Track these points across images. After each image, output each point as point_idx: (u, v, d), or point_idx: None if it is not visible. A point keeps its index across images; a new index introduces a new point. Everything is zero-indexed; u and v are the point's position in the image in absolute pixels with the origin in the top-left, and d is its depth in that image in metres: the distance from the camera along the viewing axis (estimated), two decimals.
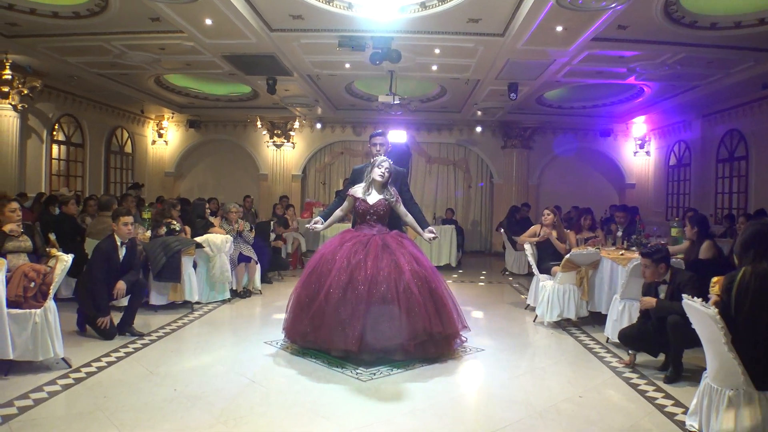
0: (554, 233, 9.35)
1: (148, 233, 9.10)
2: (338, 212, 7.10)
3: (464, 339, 6.99)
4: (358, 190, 6.83)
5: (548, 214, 9.52)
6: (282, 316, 6.93)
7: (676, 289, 5.76)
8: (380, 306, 6.03)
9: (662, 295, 6.03)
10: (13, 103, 11.82)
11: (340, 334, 6.07)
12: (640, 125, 17.72)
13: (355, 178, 7.15)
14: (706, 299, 4.52)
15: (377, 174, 6.74)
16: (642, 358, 6.34)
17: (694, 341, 5.25)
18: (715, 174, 14.56)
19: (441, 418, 4.83)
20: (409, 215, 6.94)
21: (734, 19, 8.80)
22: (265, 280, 10.79)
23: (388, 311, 6.02)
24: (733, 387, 4.12)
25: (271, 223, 12.39)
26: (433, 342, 6.28)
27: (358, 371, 5.91)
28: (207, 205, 11.02)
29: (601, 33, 9.00)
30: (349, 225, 7.64)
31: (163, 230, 8.92)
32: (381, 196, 6.74)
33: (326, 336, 6.21)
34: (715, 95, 12.93)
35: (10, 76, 11.62)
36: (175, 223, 9.15)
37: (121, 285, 7.08)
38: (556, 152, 18.72)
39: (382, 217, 6.77)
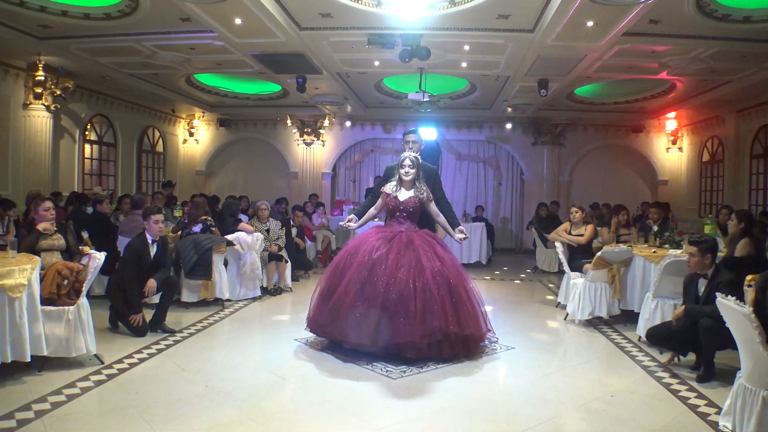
0: (571, 234, 9.32)
1: (169, 228, 9.17)
2: (372, 210, 7.09)
3: (495, 339, 6.96)
4: (389, 187, 6.84)
5: (576, 212, 9.44)
6: None
7: (713, 289, 5.63)
8: (396, 302, 6.04)
9: (702, 289, 5.94)
10: (46, 103, 11.97)
11: (354, 328, 6.10)
12: (672, 121, 17.49)
13: (388, 176, 7.15)
14: (741, 299, 4.44)
15: (403, 174, 6.75)
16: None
17: (726, 344, 5.19)
18: (750, 170, 14.30)
19: (471, 416, 4.82)
20: (441, 215, 6.93)
21: None
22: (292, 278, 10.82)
23: (404, 308, 6.03)
24: None
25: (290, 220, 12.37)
26: (448, 342, 6.22)
27: (388, 369, 5.91)
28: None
29: (632, 27, 8.88)
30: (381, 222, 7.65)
31: (199, 227, 9.00)
32: (412, 194, 6.74)
33: (341, 328, 6.25)
34: (749, 90, 12.69)
35: (43, 78, 11.77)
36: (211, 219, 9.23)
37: (152, 283, 7.15)
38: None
39: (412, 214, 6.75)
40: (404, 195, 6.75)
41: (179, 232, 9.15)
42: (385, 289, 6.08)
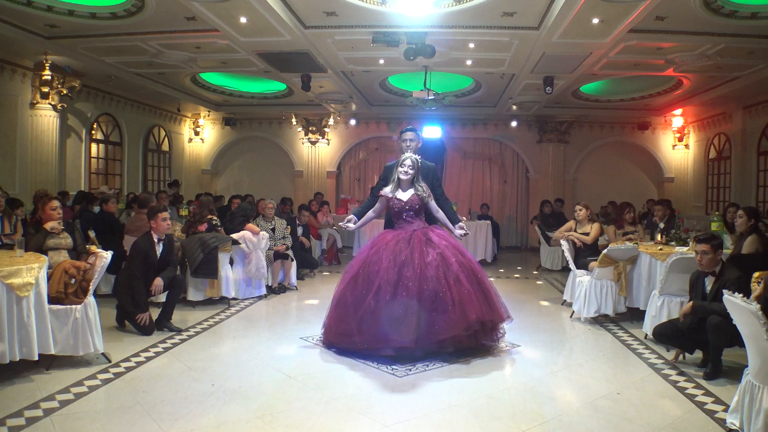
0: (577, 233, 9.28)
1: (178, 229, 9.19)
2: (371, 213, 6.99)
3: (504, 331, 6.93)
4: (388, 190, 6.82)
5: (580, 210, 9.41)
6: (318, 311, 6.92)
7: (721, 286, 5.59)
8: (433, 300, 6.05)
9: (709, 286, 5.92)
10: (52, 103, 12.02)
11: (394, 332, 6.01)
12: (678, 118, 17.45)
13: (386, 175, 7.11)
14: (749, 296, 4.44)
15: (401, 173, 6.72)
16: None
17: (734, 341, 5.19)
18: (757, 167, 14.26)
19: (477, 414, 4.81)
20: (440, 211, 6.91)
21: None
22: (297, 276, 10.83)
23: (442, 305, 6.05)
24: None
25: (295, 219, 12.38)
26: (483, 331, 6.33)
27: (393, 367, 5.91)
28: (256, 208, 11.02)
29: (638, 24, 8.87)
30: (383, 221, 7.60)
31: (205, 227, 9.01)
32: (413, 192, 6.73)
33: (377, 335, 6.11)
34: (756, 86, 12.64)
35: (49, 77, 11.82)
36: (216, 219, 9.24)
37: (159, 281, 7.17)
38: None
39: (418, 211, 6.75)
40: (405, 195, 6.75)
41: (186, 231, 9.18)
42: (419, 289, 6.08)
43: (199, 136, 19.47)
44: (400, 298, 6.07)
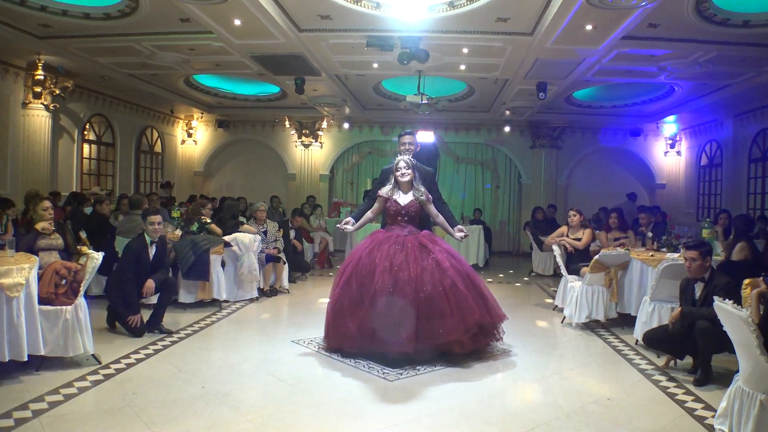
0: (569, 238, 9.29)
1: (178, 231, 9.17)
2: (369, 214, 7.01)
3: (504, 331, 6.91)
4: (385, 191, 6.83)
5: (574, 215, 9.42)
6: (310, 315, 6.90)
7: (710, 292, 5.63)
8: (429, 306, 6.06)
9: (698, 292, 5.94)
10: (45, 103, 11.99)
11: (394, 337, 5.99)
12: (670, 125, 17.51)
13: (383, 179, 7.13)
14: (738, 302, 4.45)
15: (398, 176, 6.75)
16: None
17: (723, 346, 5.22)
18: (747, 174, 14.32)
19: (468, 418, 4.81)
20: (440, 216, 6.92)
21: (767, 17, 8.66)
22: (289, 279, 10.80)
23: (439, 309, 6.06)
24: (766, 391, 4.05)
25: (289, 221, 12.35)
26: (483, 333, 6.39)
27: (385, 371, 5.91)
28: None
29: (631, 31, 8.91)
30: (378, 225, 7.62)
31: (195, 226, 8.98)
32: (412, 197, 6.74)
33: (378, 339, 6.09)
34: (748, 94, 12.72)
35: (42, 77, 11.80)
36: (206, 218, 9.21)
37: (151, 283, 7.15)
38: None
39: (414, 217, 6.75)
40: (405, 199, 6.75)
41: (177, 231, 9.16)
42: (415, 294, 6.07)
43: (192, 138, 19.45)
44: (398, 303, 6.05)
